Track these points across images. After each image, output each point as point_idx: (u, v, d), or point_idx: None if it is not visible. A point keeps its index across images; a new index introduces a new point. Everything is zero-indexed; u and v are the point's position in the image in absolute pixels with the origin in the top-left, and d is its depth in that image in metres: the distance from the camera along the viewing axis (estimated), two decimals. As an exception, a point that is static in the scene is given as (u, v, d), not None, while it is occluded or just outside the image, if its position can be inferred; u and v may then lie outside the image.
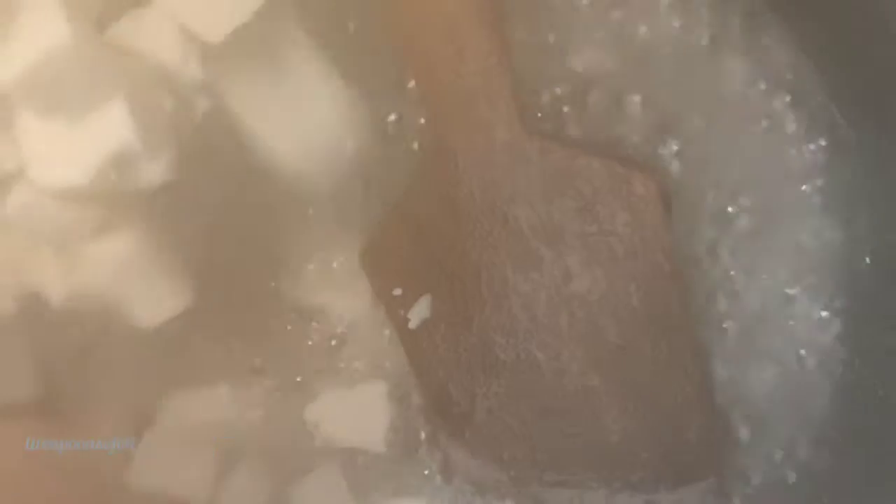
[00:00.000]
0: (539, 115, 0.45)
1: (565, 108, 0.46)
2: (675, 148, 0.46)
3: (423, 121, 0.46)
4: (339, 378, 0.47)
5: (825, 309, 0.46)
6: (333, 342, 0.47)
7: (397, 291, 0.45)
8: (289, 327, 0.47)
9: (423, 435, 0.47)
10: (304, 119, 0.45)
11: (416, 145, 0.46)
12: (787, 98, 0.45)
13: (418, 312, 0.45)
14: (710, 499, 0.45)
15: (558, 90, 0.46)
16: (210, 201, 0.44)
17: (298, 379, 0.47)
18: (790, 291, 0.45)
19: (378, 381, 0.47)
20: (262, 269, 0.46)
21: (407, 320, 0.45)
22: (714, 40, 0.46)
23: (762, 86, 0.46)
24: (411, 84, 0.46)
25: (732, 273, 0.46)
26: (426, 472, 0.47)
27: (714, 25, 0.46)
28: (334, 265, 0.47)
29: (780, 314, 0.45)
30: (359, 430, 0.47)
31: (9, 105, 0.40)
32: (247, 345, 0.46)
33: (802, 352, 0.46)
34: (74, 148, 0.39)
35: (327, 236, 0.47)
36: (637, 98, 0.45)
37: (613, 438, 0.45)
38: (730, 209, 0.46)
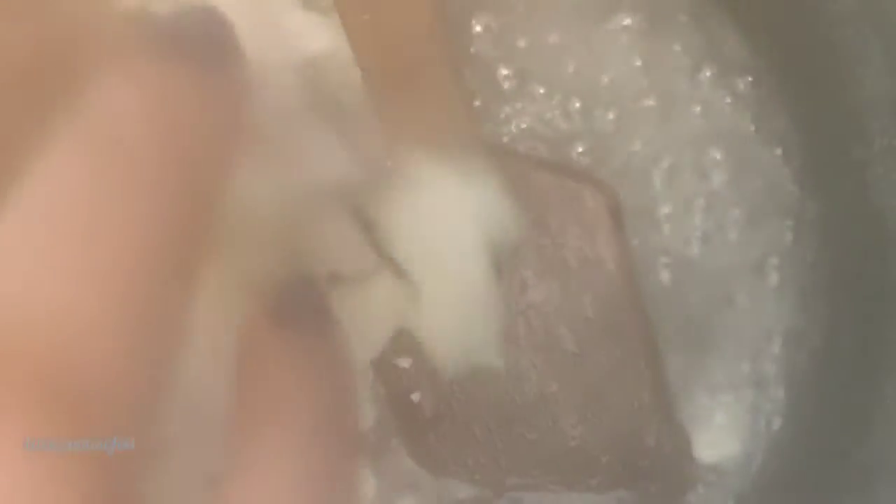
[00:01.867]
0: (491, 130, 0.46)
1: (521, 123, 0.46)
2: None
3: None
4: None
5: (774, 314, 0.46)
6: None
7: (359, 303, 0.46)
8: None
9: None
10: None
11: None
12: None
13: (380, 324, 0.46)
14: (668, 501, 0.46)
15: (509, 104, 0.46)
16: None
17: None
18: (741, 299, 0.46)
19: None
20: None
21: (369, 332, 0.46)
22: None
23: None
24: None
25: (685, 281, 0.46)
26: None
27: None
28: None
29: (730, 318, 0.46)
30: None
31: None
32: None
33: (756, 360, 0.46)
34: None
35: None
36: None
37: (572, 444, 0.46)
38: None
